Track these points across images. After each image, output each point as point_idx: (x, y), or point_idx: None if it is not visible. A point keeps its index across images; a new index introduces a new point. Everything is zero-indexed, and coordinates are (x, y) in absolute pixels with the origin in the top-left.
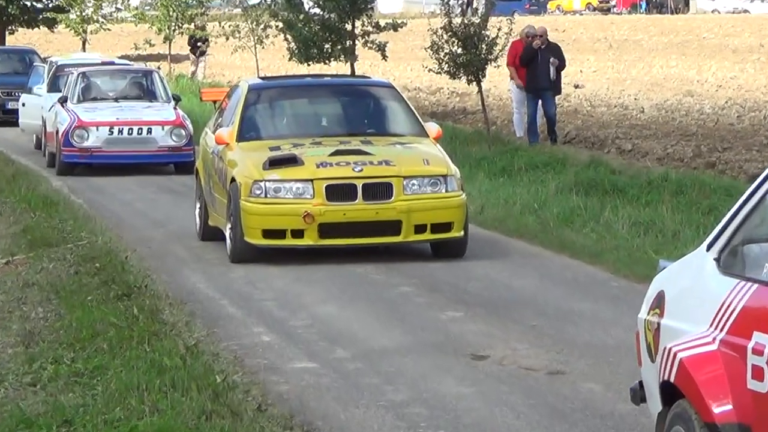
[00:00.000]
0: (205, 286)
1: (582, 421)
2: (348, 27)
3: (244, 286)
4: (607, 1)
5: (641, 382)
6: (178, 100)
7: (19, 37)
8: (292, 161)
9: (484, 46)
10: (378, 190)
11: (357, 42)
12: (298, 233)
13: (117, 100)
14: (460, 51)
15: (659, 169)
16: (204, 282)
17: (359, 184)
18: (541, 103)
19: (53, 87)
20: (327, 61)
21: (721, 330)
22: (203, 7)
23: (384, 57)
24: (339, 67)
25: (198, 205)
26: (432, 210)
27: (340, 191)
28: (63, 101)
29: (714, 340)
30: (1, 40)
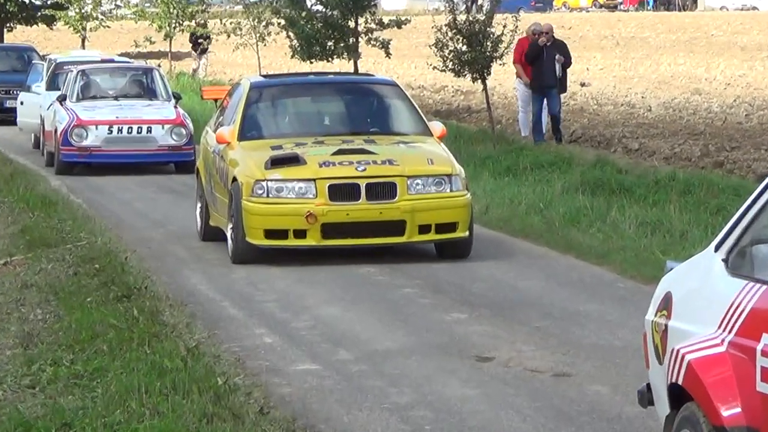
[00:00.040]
0: (206, 287)
1: (588, 424)
2: (351, 24)
3: (245, 287)
4: None
5: (649, 385)
6: (178, 98)
7: (18, 35)
8: (294, 160)
9: (489, 44)
10: (381, 190)
11: (360, 39)
12: (301, 233)
13: (117, 98)
14: (464, 48)
15: (666, 168)
16: (205, 283)
17: (362, 184)
18: (546, 101)
19: (52, 85)
20: (330, 59)
21: (729, 332)
22: (204, 4)
23: (387, 55)
24: (342, 65)
25: (199, 205)
26: (436, 210)
27: (343, 191)
28: (62, 99)
29: (722, 341)
30: None
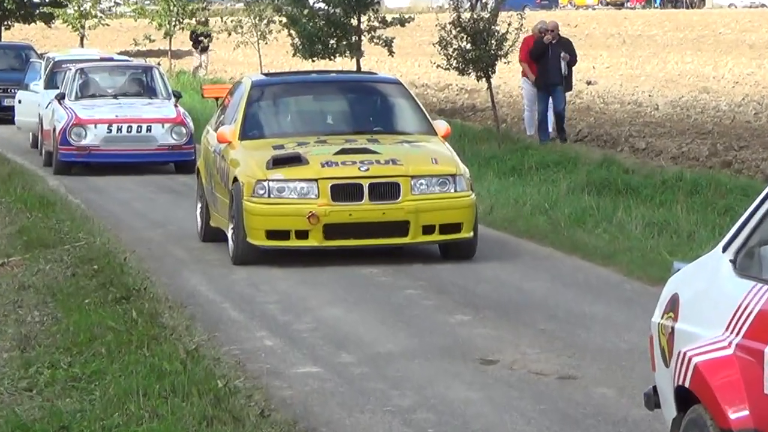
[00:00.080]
0: (206, 289)
1: (594, 428)
2: (354, 22)
3: (246, 288)
4: None
5: (655, 387)
6: (178, 97)
7: (16, 33)
8: (296, 160)
9: (493, 42)
10: (385, 190)
11: (363, 37)
12: (303, 234)
13: (116, 97)
14: (469, 46)
15: (674, 168)
16: (205, 284)
17: (365, 184)
18: (551, 99)
19: (50, 84)
20: (332, 57)
21: (737, 334)
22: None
23: (391, 53)
24: (344, 64)
25: (199, 206)
26: (441, 210)
27: (345, 191)
28: (60, 98)
29: (730, 344)
30: None
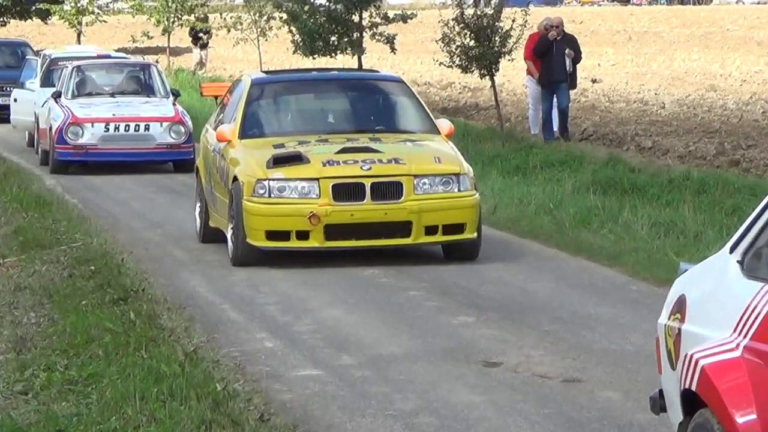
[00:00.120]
0: (205, 290)
1: (599, 431)
2: (355, 18)
3: (245, 289)
4: None
5: (661, 391)
6: (177, 95)
7: (11, 30)
8: (297, 159)
9: (497, 39)
10: (387, 190)
11: (364, 34)
12: (303, 235)
13: (113, 95)
14: (472, 44)
15: (680, 167)
16: (204, 285)
17: (367, 184)
18: (555, 97)
19: (47, 81)
20: (333, 55)
21: (744, 336)
22: None
23: (393, 50)
24: (345, 61)
25: (198, 206)
26: (444, 210)
27: (347, 191)
28: (57, 96)
29: (737, 346)
30: None
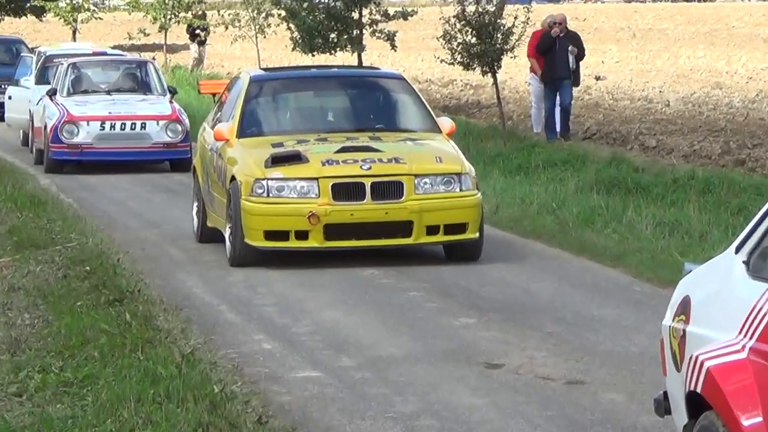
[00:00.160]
0: (202, 291)
1: None
2: (355, 15)
3: (243, 290)
4: None
5: (666, 393)
6: (174, 92)
7: (6, 26)
8: (296, 158)
9: (499, 36)
10: (388, 189)
11: (364, 31)
12: (302, 235)
13: (109, 93)
14: (474, 41)
15: (685, 166)
16: (201, 286)
17: (368, 183)
18: (558, 95)
19: (41, 79)
20: (333, 52)
21: (750, 337)
22: None
23: (393, 47)
24: (345, 58)
25: (195, 205)
26: (445, 210)
27: (347, 190)
28: (52, 94)
29: (743, 347)
30: None
